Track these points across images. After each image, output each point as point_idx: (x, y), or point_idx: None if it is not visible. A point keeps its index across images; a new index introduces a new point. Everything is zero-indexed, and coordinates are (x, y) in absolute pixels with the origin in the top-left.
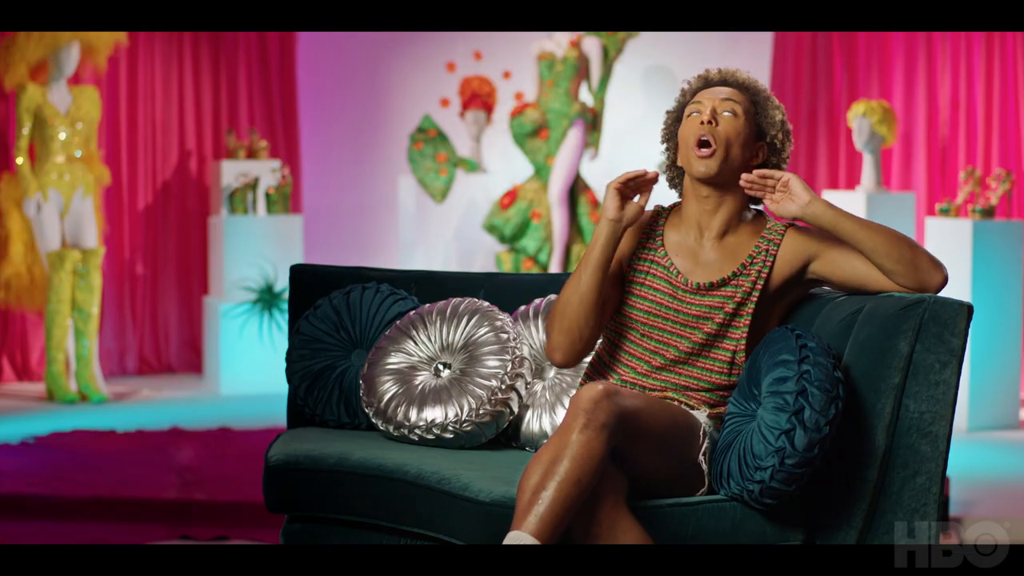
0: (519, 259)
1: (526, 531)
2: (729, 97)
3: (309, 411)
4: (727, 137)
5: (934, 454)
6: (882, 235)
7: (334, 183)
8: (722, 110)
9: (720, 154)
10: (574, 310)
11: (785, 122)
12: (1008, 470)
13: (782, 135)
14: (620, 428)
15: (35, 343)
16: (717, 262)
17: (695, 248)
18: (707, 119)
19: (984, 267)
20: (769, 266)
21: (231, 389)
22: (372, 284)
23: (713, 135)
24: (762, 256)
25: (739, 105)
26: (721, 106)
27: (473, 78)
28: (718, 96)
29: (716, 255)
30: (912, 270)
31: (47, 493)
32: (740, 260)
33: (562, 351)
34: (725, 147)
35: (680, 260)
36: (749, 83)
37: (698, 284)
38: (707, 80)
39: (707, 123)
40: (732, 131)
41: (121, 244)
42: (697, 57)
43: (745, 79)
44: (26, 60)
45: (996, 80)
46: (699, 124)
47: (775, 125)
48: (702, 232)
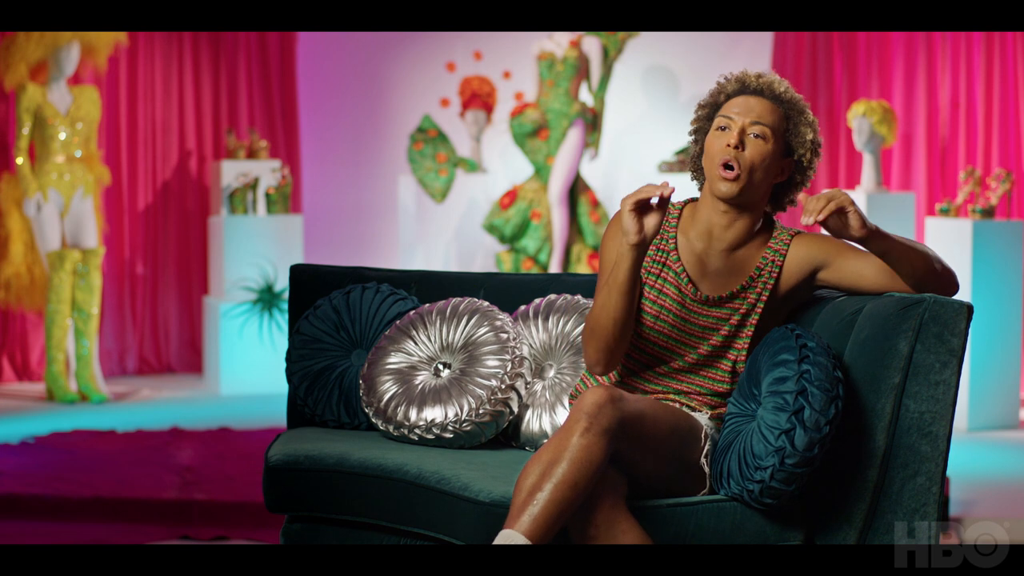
0: (519, 259)
1: (518, 531)
2: (759, 120)
3: (309, 411)
4: (752, 163)
5: (934, 454)
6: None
7: (334, 183)
8: (751, 132)
9: (743, 179)
10: (609, 332)
11: (816, 139)
12: (1008, 470)
13: (810, 154)
14: (622, 433)
15: (35, 343)
16: (725, 274)
17: (703, 256)
18: (734, 142)
19: (984, 267)
20: (775, 277)
21: (231, 389)
22: (372, 284)
23: (738, 160)
24: (768, 268)
25: (768, 128)
26: (750, 129)
27: (473, 78)
28: (749, 116)
29: (724, 266)
30: (935, 288)
31: (47, 493)
32: (748, 273)
33: (603, 365)
34: (749, 173)
35: (690, 269)
36: (786, 97)
37: (707, 296)
38: (744, 85)
39: (734, 147)
40: (758, 157)
41: (121, 244)
42: (697, 57)
43: (783, 93)
44: (26, 60)
45: (996, 80)
46: (725, 146)
47: (804, 144)
48: (712, 241)
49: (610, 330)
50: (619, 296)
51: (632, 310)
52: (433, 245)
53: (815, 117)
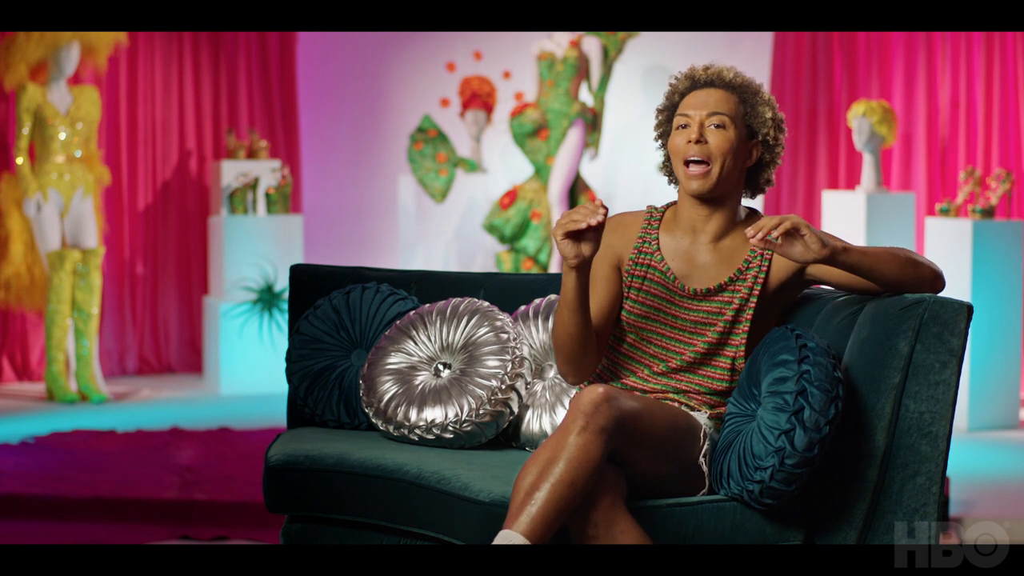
0: (519, 259)
1: (517, 531)
2: (716, 110)
3: (309, 411)
4: (719, 151)
5: (934, 454)
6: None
7: (334, 183)
8: (709, 124)
9: (714, 171)
10: (569, 347)
11: (776, 115)
12: (1008, 470)
13: (774, 131)
14: (619, 432)
15: (35, 343)
16: (713, 266)
17: (690, 251)
18: (695, 137)
19: (984, 267)
20: (765, 270)
21: (231, 389)
22: (372, 284)
23: (703, 154)
24: (757, 260)
25: (726, 116)
26: (708, 120)
27: (473, 78)
28: (704, 109)
29: (712, 259)
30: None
31: (47, 493)
32: (736, 265)
33: (572, 375)
34: (719, 162)
35: (676, 264)
36: (737, 82)
37: (695, 290)
38: (694, 80)
39: (695, 142)
40: (723, 144)
41: (121, 244)
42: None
43: (732, 78)
44: (26, 60)
45: (996, 80)
46: (687, 143)
47: (766, 123)
48: (697, 235)
49: (569, 345)
50: (570, 313)
51: (586, 325)
52: (433, 245)
53: (771, 95)
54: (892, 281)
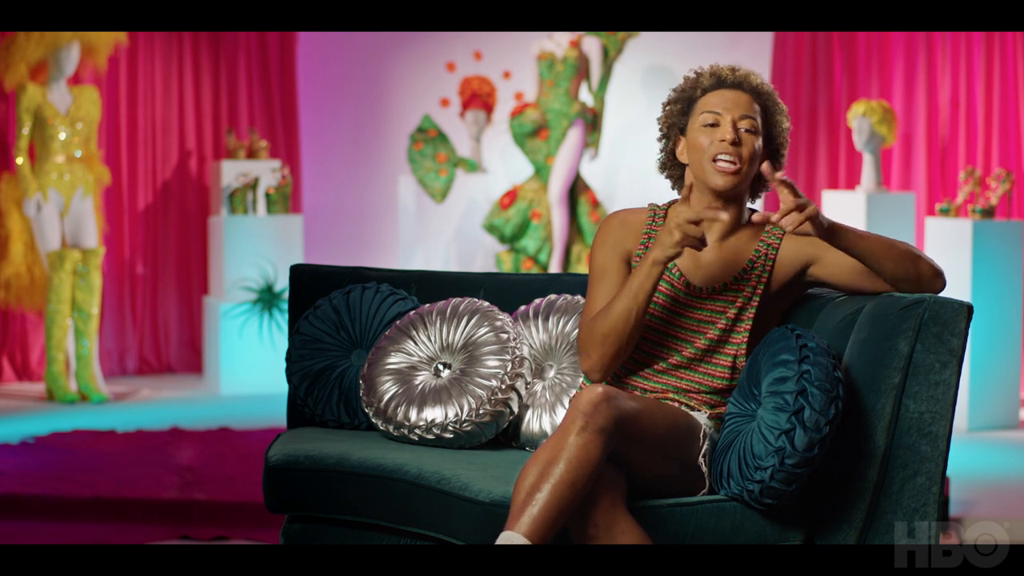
0: (519, 259)
1: (519, 531)
2: (747, 114)
3: (309, 411)
4: (750, 156)
5: (934, 454)
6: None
7: (334, 183)
8: (742, 127)
9: (744, 171)
10: (623, 339)
11: (788, 126)
12: (1008, 470)
13: (785, 140)
14: (618, 432)
15: (35, 343)
16: (718, 265)
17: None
18: (731, 138)
19: (984, 267)
20: (769, 270)
21: (231, 389)
22: (372, 284)
23: (737, 156)
24: (762, 260)
25: (755, 119)
26: (741, 123)
27: (473, 78)
28: (737, 111)
29: (717, 257)
30: (915, 284)
31: (47, 493)
32: (741, 264)
33: (603, 371)
34: (749, 165)
35: (681, 261)
36: (763, 89)
37: (700, 288)
38: (720, 79)
39: (732, 143)
40: (754, 149)
41: (121, 244)
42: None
43: (759, 84)
44: (26, 60)
45: (996, 80)
46: (720, 142)
47: (781, 133)
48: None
49: (624, 339)
50: (640, 309)
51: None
52: (433, 245)
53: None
54: (888, 269)
